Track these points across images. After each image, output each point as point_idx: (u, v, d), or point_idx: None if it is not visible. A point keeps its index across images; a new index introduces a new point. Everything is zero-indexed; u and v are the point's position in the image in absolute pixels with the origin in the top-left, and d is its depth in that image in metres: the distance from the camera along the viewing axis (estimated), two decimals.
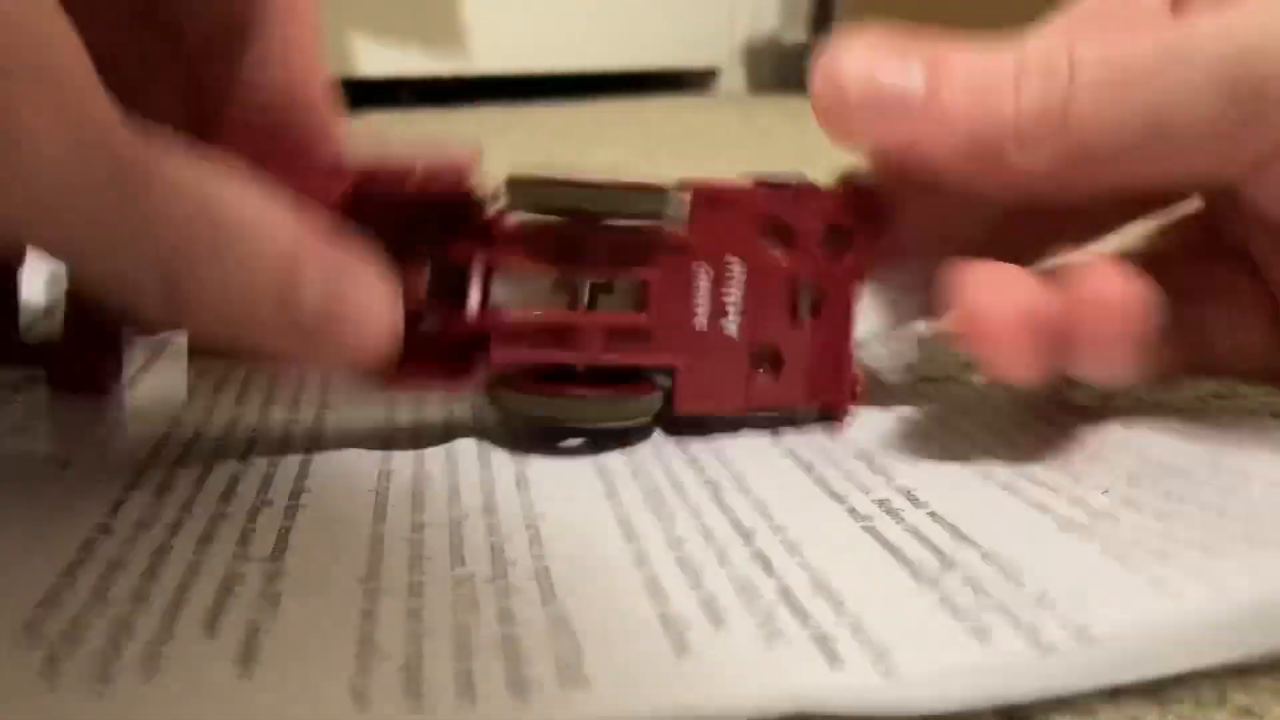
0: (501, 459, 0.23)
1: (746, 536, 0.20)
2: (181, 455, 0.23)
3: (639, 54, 1.47)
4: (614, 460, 0.23)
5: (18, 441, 0.24)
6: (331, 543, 0.19)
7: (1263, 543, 0.17)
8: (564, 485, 0.22)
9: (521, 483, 0.22)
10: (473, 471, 0.23)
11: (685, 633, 0.17)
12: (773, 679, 0.15)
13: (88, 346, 0.25)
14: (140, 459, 0.23)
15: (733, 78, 2.60)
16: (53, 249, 0.16)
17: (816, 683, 0.15)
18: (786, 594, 0.18)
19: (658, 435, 0.25)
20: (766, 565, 0.19)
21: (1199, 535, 0.18)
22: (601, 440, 0.24)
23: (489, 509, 0.21)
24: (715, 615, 0.17)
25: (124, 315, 0.22)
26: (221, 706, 0.15)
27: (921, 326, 0.36)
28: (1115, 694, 0.16)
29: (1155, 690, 0.16)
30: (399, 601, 0.17)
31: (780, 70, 2.44)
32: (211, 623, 0.17)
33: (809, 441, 0.25)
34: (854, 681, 0.15)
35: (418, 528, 0.20)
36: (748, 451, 0.24)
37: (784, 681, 0.15)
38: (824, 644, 0.16)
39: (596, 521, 0.21)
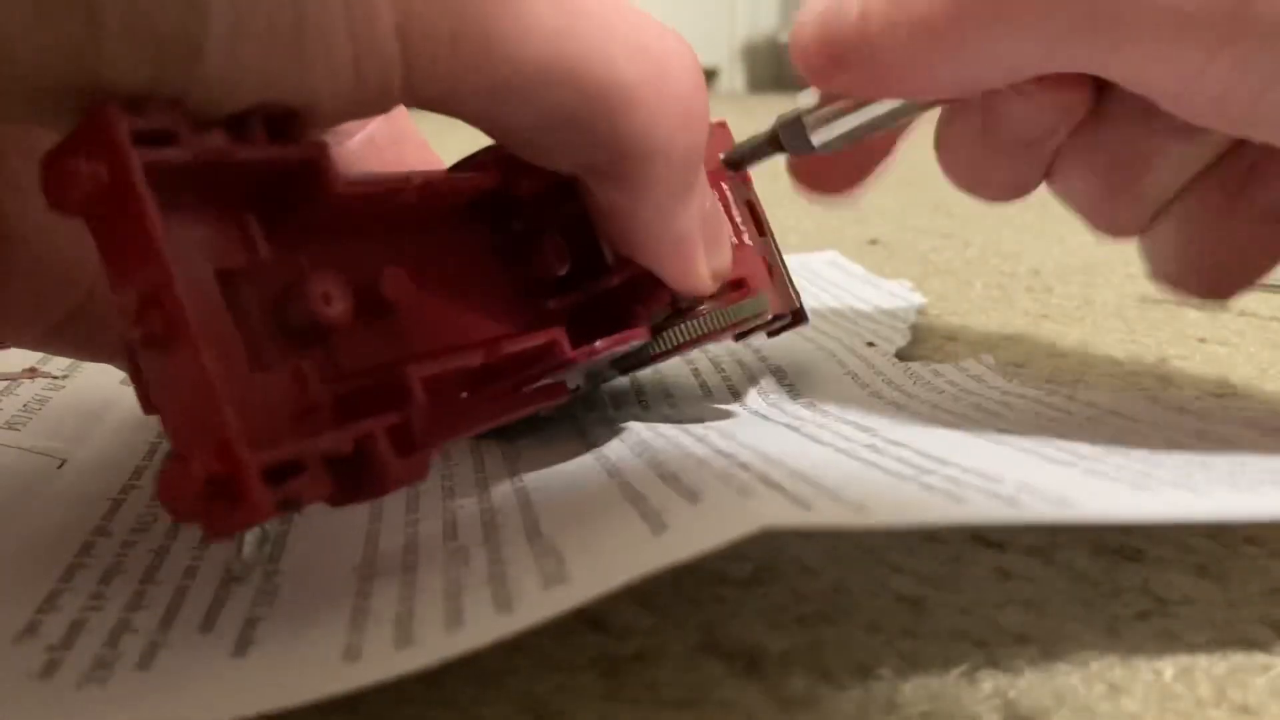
0: (495, 462, 0.23)
1: (727, 456, 0.20)
2: None
3: None
4: (603, 435, 0.24)
5: (12, 437, 0.24)
6: (328, 541, 0.19)
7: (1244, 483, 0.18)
8: (554, 464, 0.22)
9: (514, 474, 0.22)
10: (467, 472, 0.23)
11: (663, 515, 0.17)
12: (743, 513, 0.15)
13: None
14: (137, 460, 0.23)
15: (733, 77, 2.60)
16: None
17: (787, 512, 0.15)
18: (764, 478, 0.18)
19: (646, 415, 0.25)
20: (745, 466, 0.19)
21: (1182, 475, 0.18)
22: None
23: (483, 499, 0.21)
24: (692, 495, 0.17)
25: None
26: (217, 685, 0.15)
27: (913, 314, 0.36)
28: (1115, 694, 0.16)
29: (1155, 690, 0.16)
30: (393, 578, 0.17)
31: (780, 70, 2.43)
32: (209, 620, 0.17)
33: (800, 411, 0.25)
34: (823, 511, 0.16)
35: (412, 522, 0.20)
36: (738, 418, 0.25)
37: (754, 512, 0.15)
38: (797, 500, 0.16)
39: (579, 470, 0.21)
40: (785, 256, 0.27)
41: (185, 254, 0.15)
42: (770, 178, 0.28)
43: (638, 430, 0.24)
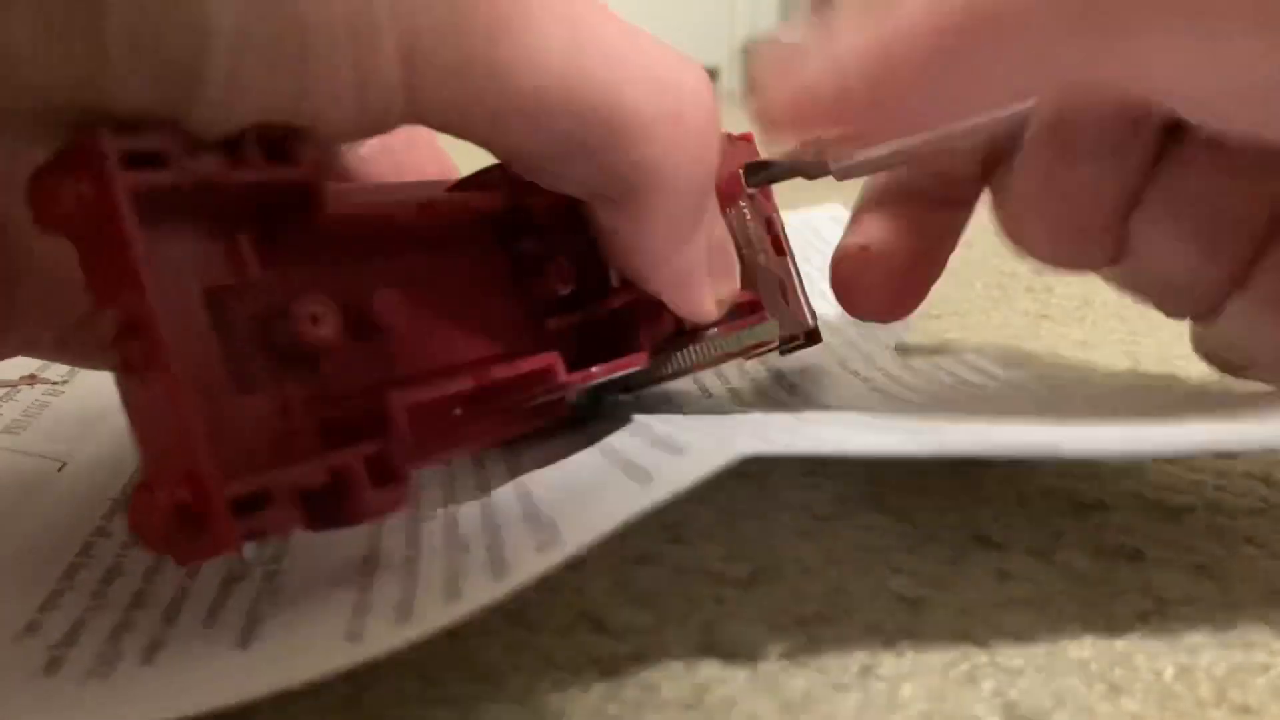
0: (495, 460, 0.23)
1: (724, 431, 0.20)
2: None
3: None
4: (607, 431, 0.24)
5: (12, 441, 0.24)
6: (330, 539, 0.19)
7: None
8: (554, 453, 0.22)
9: (515, 469, 0.22)
10: (468, 473, 0.23)
11: (651, 472, 0.17)
12: (726, 448, 0.15)
13: None
14: (136, 463, 0.23)
15: (732, 77, 2.60)
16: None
17: (771, 440, 0.16)
18: (754, 433, 0.18)
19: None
20: (738, 424, 0.19)
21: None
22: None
23: (483, 499, 0.21)
24: (676, 449, 0.17)
25: None
26: (221, 674, 0.15)
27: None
28: (1115, 693, 0.16)
29: (1156, 690, 0.16)
30: (395, 572, 0.17)
31: None
32: (211, 616, 0.17)
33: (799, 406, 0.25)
34: (809, 439, 0.16)
35: (414, 520, 0.20)
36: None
37: (737, 445, 0.15)
38: (787, 432, 0.16)
39: (583, 459, 0.21)
40: (790, 215, 0.27)
41: (171, 273, 0.15)
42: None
43: (639, 418, 0.24)
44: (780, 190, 0.26)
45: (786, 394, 0.28)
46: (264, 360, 0.16)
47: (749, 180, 0.25)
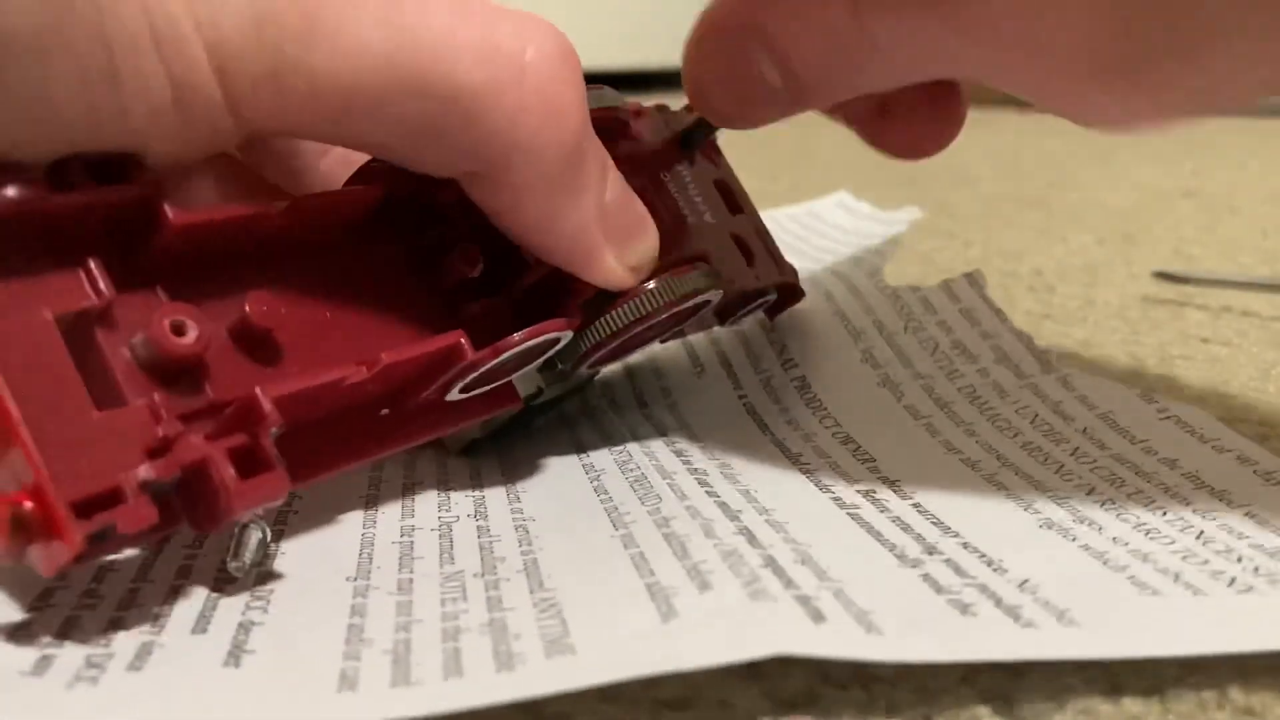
0: (491, 470, 0.23)
1: (733, 516, 0.20)
2: None
3: (638, 53, 1.47)
4: (601, 458, 0.24)
5: None
6: (321, 546, 0.19)
7: (1244, 587, 0.17)
8: (553, 486, 0.22)
9: (511, 490, 0.22)
10: (463, 480, 0.23)
11: (672, 599, 0.17)
12: (755, 629, 0.15)
13: None
14: None
15: None
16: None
17: (799, 632, 0.15)
18: (771, 562, 0.18)
19: (642, 428, 0.25)
20: (752, 539, 0.19)
21: (1178, 560, 0.18)
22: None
23: (479, 514, 0.21)
24: (702, 581, 0.17)
25: None
26: (210, 692, 0.15)
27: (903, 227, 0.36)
28: (1116, 693, 0.16)
29: (1156, 690, 0.16)
30: (388, 596, 0.17)
31: None
32: (202, 621, 0.17)
33: (797, 434, 0.25)
34: (836, 633, 0.15)
35: (407, 531, 0.20)
36: (734, 444, 0.24)
37: (766, 631, 0.15)
38: (807, 604, 0.16)
39: (585, 514, 0.21)
40: (796, 208, 0.26)
41: (9, 304, 0.15)
42: (771, 176, 0.28)
43: (636, 457, 0.23)
44: (792, 187, 0.25)
45: (782, 368, 0.28)
46: (136, 375, 0.16)
47: (683, 145, 0.24)
